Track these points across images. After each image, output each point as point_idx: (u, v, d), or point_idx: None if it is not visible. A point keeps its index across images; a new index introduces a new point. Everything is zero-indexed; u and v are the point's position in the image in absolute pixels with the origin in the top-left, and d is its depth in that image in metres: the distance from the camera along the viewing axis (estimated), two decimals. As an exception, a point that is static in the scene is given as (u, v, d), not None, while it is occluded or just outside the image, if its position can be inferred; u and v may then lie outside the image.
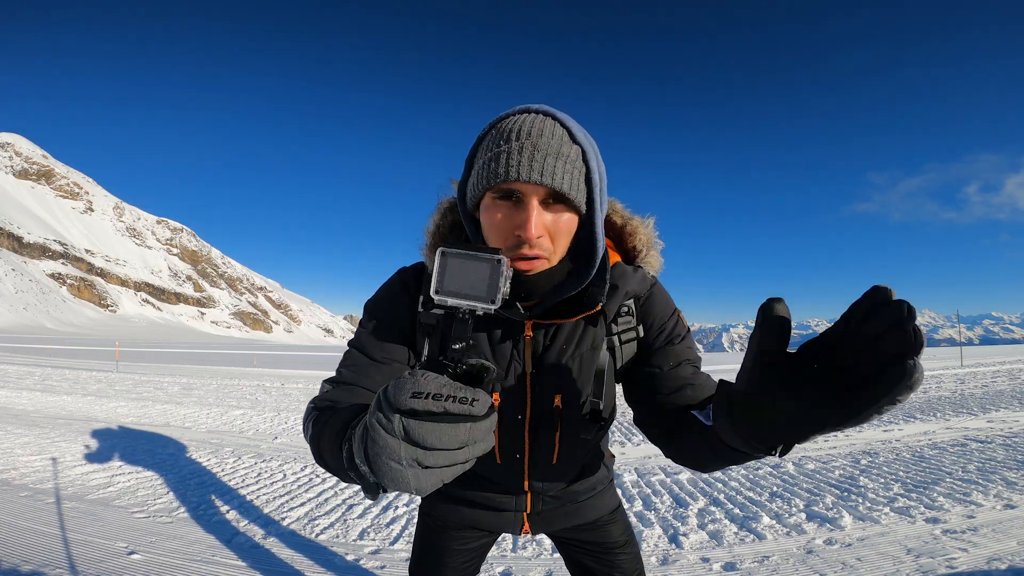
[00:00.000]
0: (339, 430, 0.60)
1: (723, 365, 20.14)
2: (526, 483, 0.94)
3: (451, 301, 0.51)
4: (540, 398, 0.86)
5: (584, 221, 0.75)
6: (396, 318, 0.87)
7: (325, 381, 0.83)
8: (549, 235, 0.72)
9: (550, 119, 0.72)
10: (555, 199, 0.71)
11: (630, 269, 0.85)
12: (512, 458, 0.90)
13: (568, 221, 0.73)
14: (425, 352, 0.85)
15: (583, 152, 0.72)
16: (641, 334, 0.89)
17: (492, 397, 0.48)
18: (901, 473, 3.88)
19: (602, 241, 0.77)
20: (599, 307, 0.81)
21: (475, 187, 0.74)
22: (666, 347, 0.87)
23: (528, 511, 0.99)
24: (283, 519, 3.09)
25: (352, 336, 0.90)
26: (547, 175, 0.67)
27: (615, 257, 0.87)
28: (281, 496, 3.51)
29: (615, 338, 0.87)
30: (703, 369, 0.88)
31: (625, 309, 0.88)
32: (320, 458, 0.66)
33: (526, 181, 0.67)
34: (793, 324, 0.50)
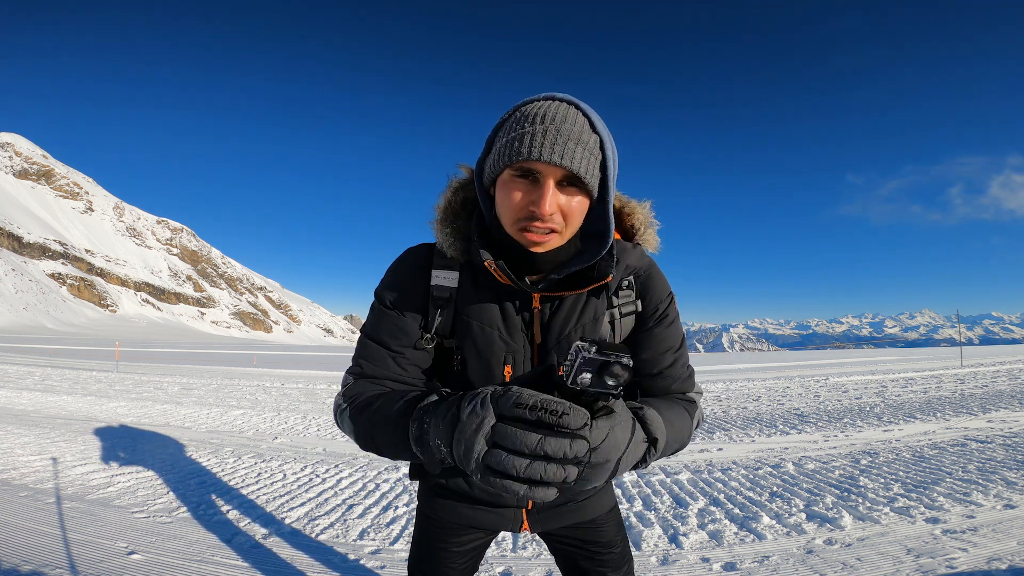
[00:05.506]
0: (402, 410, 0.69)
1: (724, 365, 20.12)
2: None
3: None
4: None
5: (595, 205, 0.81)
6: (409, 300, 0.89)
7: (347, 373, 0.89)
8: (561, 214, 0.76)
9: (573, 107, 0.76)
10: (570, 182, 0.75)
11: (629, 245, 0.92)
12: None
13: (580, 203, 0.77)
14: (436, 323, 0.89)
15: (601, 141, 0.76)
16: (640, 308, 0.93)
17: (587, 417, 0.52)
18: (901, 473, 3.88)
19: (613, 222, 0.82)
20: (609, 278, 0.84)
21: (495, 163, 0.77)
22: (655, 328, 0.92)
23: (528, 506, 0.99)
24: (283, 519, 3.09)
25: (365, 323, 0.92)
26: (567, 158, 0.72)
27: (614, 236, 0.92)
28: (281, 496, 3.51)
29: (616, 311, 0.91)
30: (702, 367, 0.89)
31: (626, 283, 0.92)
32: (371, 441, 0.75)
33: (547, 162, 0.71)
34: (793, 324, 0.50)
